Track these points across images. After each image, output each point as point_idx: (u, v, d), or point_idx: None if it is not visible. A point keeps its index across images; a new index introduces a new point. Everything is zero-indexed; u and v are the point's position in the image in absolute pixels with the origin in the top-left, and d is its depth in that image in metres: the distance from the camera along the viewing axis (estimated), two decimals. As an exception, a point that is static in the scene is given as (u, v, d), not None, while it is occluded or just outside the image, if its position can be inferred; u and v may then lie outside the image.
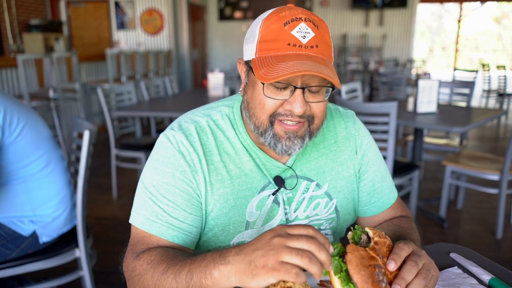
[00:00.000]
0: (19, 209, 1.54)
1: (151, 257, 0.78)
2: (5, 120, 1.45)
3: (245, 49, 0.83)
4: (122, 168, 4.12)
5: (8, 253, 1.54)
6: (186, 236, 0.84)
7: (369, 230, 0.71)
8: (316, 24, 0.78)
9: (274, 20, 0.77)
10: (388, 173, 1.05)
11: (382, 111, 2.49)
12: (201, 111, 0.93)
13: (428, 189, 3.79)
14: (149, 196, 0.85)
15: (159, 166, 0.86)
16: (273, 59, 0.75)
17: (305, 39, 0.76)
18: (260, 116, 0.81)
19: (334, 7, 9.87)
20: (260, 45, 0.78)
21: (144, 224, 0.84)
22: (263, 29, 0.78)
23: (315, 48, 0.76)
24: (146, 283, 0.75)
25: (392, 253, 0.68)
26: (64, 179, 1.65)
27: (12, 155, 1.49)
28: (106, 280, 2.29)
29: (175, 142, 0.86)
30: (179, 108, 3.42)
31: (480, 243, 2.78)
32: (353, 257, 0.64)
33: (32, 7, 7.66)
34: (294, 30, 0.76)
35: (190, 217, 0.85)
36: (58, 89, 4.86)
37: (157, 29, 8.16)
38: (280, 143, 0.82)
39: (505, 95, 7.49)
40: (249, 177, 0.89)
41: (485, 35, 22.19)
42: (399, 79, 5.06)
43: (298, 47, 0.75)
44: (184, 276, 0.70)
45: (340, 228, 1.00)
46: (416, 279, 0.67)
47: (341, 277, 0.65)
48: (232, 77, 5.40)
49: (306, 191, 0.92)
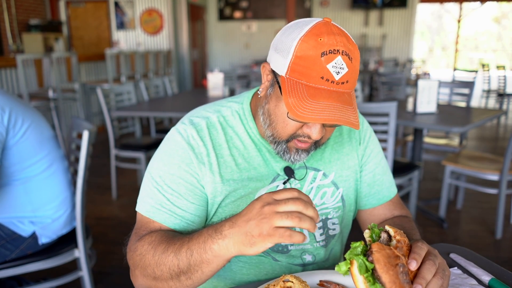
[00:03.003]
0: (20, 209, 1.54)
1: (152, 237, 0.82)
2: (10, 120, 1.45)
3: (275, 58, 0.81)
4: (122, 168, 4.12)
5: (8, 254, 1.53)
6: (188, 225, 0.88)
7: (390, 228, 0.70)
8: (351, 57, 0.76)
9: (312, 46, 0.75)
10: (389, 169, 1.07)
11: (381, 111, 2.49)
12: (211, 107, 0.96)
13: (428, 189, 3.79)
14: (155, 186, 0.89)
15: (166, 158, 0.90)
16: (304, 91, 0.75)
17: (338, 75, 0.75)
18: (280, 133, 0.85)
19: (334, 7, 9.87)
20: (293, 66, 0.76)
21: (149, 211, 0.88)
22: (299, 50, 0.75)
23: (345, 84, 0.76)
24: (148, 262, 0.79)
25: (413, 253, 0.68)
26: (66, 180, 1.65)
27: (15, 156, 1.49)
28: (105, 281, 2.28)
29: (186, 136, 0.90)
30: (178, 108, 3.42)
31: (480, 243, 2.78)
32: (381, 256, 0.63)
33: (31, 7, 7.65)
34: (330, 64, 0.74)
35: (193, 207, 0.88)
36: (58, 89, 4.86)
37: (157, 29, 8.16)
38: (289, 154, 0.86)
39: (505, 95, 7.49)
40: (258, 170, 0.92)
41: (485, 35, 22.20)
42: (398, 79, 5.06)
43: (330, 82, 0.75)
44: (184, 253, 0.75)
45: (346, 217, 1.02)
46: (434, 279, 0.68)
47: (367, 276, 0.63)
48: (231, 77, 5.39)
49: (313, 180, 0.96)
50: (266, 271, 0.93)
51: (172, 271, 0.76)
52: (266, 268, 0.93)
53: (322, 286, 0.81)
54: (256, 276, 0.93)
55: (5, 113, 1.44)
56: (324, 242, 0.97)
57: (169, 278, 0.77)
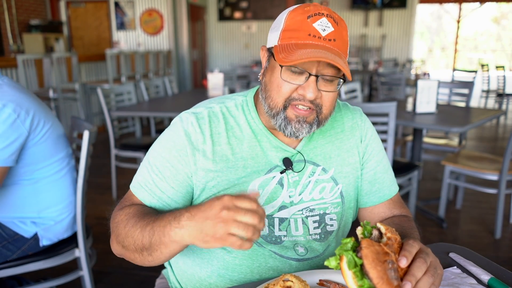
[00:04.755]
0: (24, 209, 1.54)
1: (130, 209, 0.89)
2: (33, 123, 1.46)
3: (269, 37, 0.90)
4: (122, 168, 4.12)
5: (9, 255, 1.53)
6: (163, 206, 0.92)
7: (381, 225, 0.71)
8: (336, 21, 0.85)
9: (299, 13, 0.84)
10: (390, 168, 1.07)
11: (381, 111, 2.49)
12: (217, 99, 1.01)
13: (427, 189, 3.80)
14: (146, 165, 0.95)
15: (163, 141, 0.95)
16: (293, 46, 0.83)
17: (324, 31, 0.83)
18: (276, 99, 0.88)
19: (333, 7, 9.86)
20: (283, 33, 0.85)
21: (134, 186, 0.95)
22: (288, 19, 0.85)
23: (332, 41, 0.83)
24: (120, 231, 0.86)
25: (404, 250, 0.69)
26: (73, 185, 1.66)
27: (30, 156, 1.49)
28: (105, 280, 2.29)
29: (186, 122, 0.94)
30: (178, 108, 3.42)
31: (479, 243, 2.78)
32: (369, 252, 0.64)
33: (32, 7, 7.65)
34: (316, 23, 0.83)
35: (171, 191, 0.92)
36: (58, 89, 4.86)
37: (157, 30, 8.16)
38: (290, 125, 0.88)
39: (504, 95, 7.49)
40: (255, 160, 0.94)
41: (484, 36, 22.20)
42: (398, 79, 5.07)
43: (317, 38, 0.83)
44: (147, 232, 0.80)
45: (346, 214, 1.02)
46: (424, 277, 0.68)
47: (355, 272, 0.64)
48: (231, 77, 5.40)
49: (312, 174, 0.97)
50: (259, 262, 0.93)
51: (136, 244, 0.82)
52: (259, 260, 0.93)
53: (322, 285, 0.81)
54: (249, 267, 0.93)
55: (29, 116, 1.44)
56: (318, 237, 0.97)
57: (134, 250, 0.84)
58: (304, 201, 0.96)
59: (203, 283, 0.98)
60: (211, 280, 0.96)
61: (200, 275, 0.98)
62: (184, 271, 1.01)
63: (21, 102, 1.43)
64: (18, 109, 1.40)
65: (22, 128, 1.41)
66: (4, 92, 1.41)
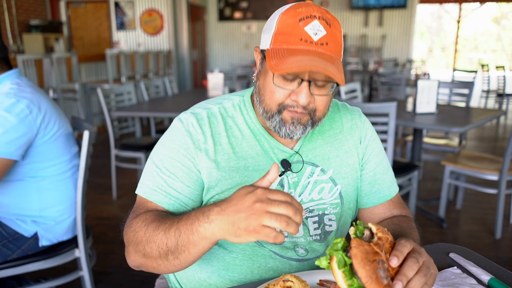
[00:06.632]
0: (26, 207, 1.55)
1: (146, 216, 0.86)
2: (43, 121, 1.51)
3: (262, 39, 0.89)
4: (122, 168, 4.12)
5: (9, 254, 1.54)
6: (181, 206, 0.91)
7: (372, 225, 0.71)
8: (329, 22, 0.83)
9: (291, 15, 0.83)
10: (390, 168, 1.07)
11: (381, 111, 2.49)
12: (214, 100, 1.01)
13: (427, 189, 3.80)
14: (154, 169, 0.93)
15: (167, 143, 0.94)
16: (284, 52, 0.81)
17: (316, 36, 0.81)
18: (270, 104, 0.88)
19: (333, 7, 9.87)
20: (275, 37, 0.84)
21: (146, 192, 0.92)
22: (280, 22, 0.84)
23: (325, 45, 0.82)
24: (140, 239, 0.82)
25: (395, 249, 0.69)
26: (77, 187, 1.66)
27: (38, 154, 1.52)
28: (105, 280, 2.29)
29: (186, 123, 0.94)
30: (178, 108, 3.42)
31: (479, 243, 2.78)
32: (358, 252, 0.64)
33: (32, 7, 7.65)
34: (308, 26, 0.81)
35: (188, 190, 0.91)
36: (58, 90, 4.86)
37: (157, 30, 8.16)
38: (284, 127, 0.88)
39: (504, 95, 7.49)
40: (255, 160, 0.94)
41: (484, 36, 22.21)
42: (398, 79, 5.07)
43: (309, 43, 0.81)
44: (173, 233, 0.77)
45: (345, 215, 1.02)
46: (416, 276, 0.67)
47: (345, 271, 0.65)
48: (231, 77, 5.40)
49: (311, 175, 0.97)
50: (259, 263, 0.93)
51: (160, 249, 0.79)
52: (259, 260, 0.93)
53: (322, 285, 0.81)
54: (249, 267, 0.93)
55: (41, 114, 1.50)
56: (318, 237, 0.97)
57: (158, 256, 0.80)
58: (304, 202, 0.96)
59: (203, 283, 0.97)
60: (211, 281, 0.96)
61: (200, 275, 0.97)
62: (184, 272, 1.01)
63: (35, 101, 1.50)
64: (31, 106, 1.47)
65: (32, 125, 1.47)
66: (22, 90, 1.50)
